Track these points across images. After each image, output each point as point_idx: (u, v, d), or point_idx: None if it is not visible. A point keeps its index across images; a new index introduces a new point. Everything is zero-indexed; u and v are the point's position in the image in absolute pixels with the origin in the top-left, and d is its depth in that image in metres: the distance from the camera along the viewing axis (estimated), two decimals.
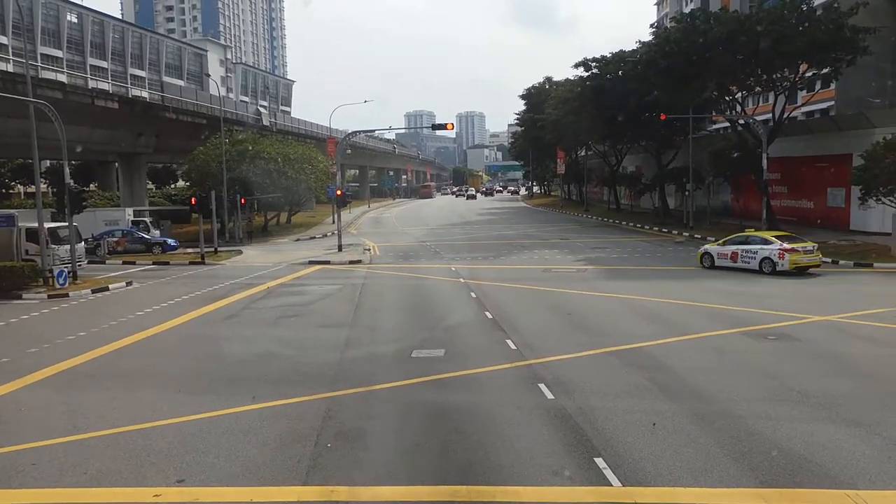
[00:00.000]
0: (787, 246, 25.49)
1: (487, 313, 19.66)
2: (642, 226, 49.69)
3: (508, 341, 16.08)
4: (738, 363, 13.96)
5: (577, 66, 57.40)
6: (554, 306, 21.01)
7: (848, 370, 13.40)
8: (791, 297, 21.41)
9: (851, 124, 37.49)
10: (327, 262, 34.07)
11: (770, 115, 41.56)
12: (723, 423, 10.41)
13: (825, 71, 38.59)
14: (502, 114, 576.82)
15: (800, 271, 25.78)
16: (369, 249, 39.63)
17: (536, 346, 15.71)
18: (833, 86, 44.20)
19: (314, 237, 49.45)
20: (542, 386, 12.47)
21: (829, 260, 29.02)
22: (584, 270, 29.03)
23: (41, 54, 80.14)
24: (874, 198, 29.73)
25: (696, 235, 40.85)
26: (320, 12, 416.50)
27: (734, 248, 27.19)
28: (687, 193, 46.45)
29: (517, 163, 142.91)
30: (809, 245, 26.39)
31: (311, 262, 34.25)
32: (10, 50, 72.05)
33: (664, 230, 45.54)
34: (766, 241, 26.36)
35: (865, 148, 30.72)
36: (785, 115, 40.94)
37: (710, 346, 15.39)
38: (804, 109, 47.99)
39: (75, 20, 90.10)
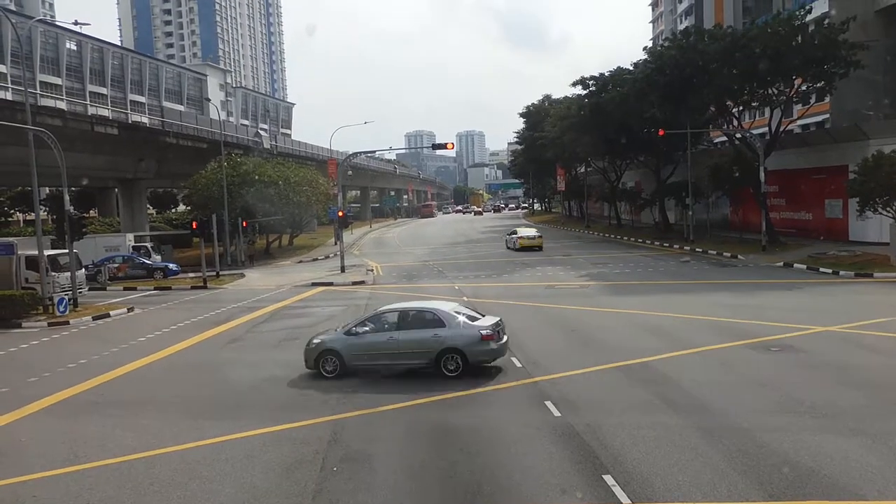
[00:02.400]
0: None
1: None
2: (643, 241, 49.72)
3: (514, 359, 16.01)
4: (744, 375, 13.90)
5: (575, 84, 57.74)
6: (558, 323, 20.96)
7: (853, 380, 13.33)
8: (793, 309, 21.38)
9: (846, 136, 37.67)
10: (330, 284, 34.04)
11: (766, 129, 41.75)
12: (730, 436, 10.35)
13: (819, 85, 38.91)
14: (502, 132, 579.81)
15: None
16: (372, 270, 39.62)
17: (542, 363, 15.65)
18: (828, 99, 44.43)
19: (317, 259, 49.44)
20: (548, 403, 12.41)
21: (830, 270, 29.03)
22: (587, 286, 29.00)
23: (40, 82, 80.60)
24: (871, 208, 29.79)
25: (697, 249, 40.90)
26: (317, 37, 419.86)
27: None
28: (687, 208, 46.49)
29: (517, 181, 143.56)
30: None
31: (315, 284, 34.22)
32: (9, 78, 72.57)
33: (665, 244, 45.54)
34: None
35: (861, 159, 30.87)
36: (781, 129, 41.14)
37: (715, 360, 15.33)
38: (800, 122, 48.19)
39: (74, 48, 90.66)
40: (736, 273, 31.11)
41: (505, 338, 15.17)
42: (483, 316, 15.63)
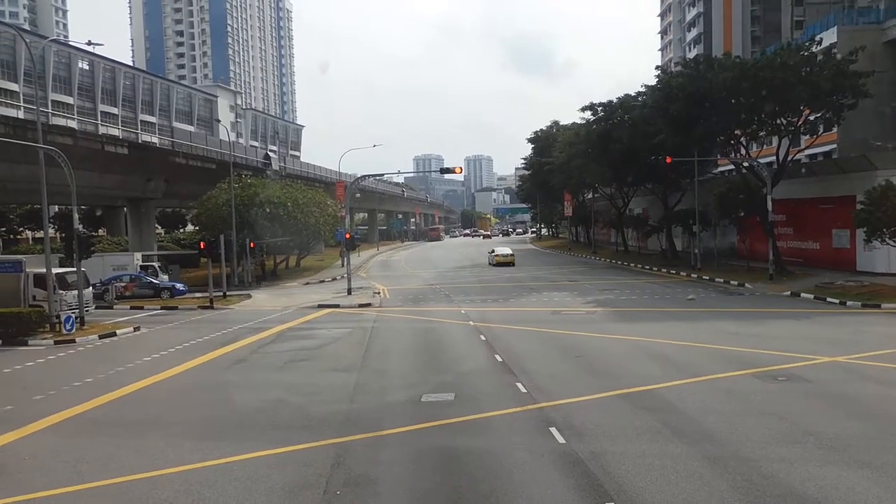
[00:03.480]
0: None
1: (497, 356, 19.57)
2: (650, 267, 49.64)
3: (519, 384, 15.97)
4: (749, 405, 13.82)
5: (583, 109, 58.12)
6: (564, 349, 20.90)
7: (859, 412, 13.24)
8: (800, 338, 21.26)
9: (854, 167, 37.72)
10: (337, 306, 34.05)
11: (774, 158, 41.84)
12: (735, 465, 10.28)
13: (827, 115, 39.05)
14: (510, 157, 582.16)
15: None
16: (379, 293, 39.62)
17: (547, 389, 15.59)
18: (836, 129, 44.54)
19: (323, 280, 49.50)
20: (553, 430, 12.35)
21: (837, 301, 28.96)
22: (593, 312, 28.93)
23: (52, 101, 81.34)
24: (879, 239, 29.73)
25: (704, 277, 40.86)
26: (327, 59, 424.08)
27: None
28: (694, 235, 46.45)
29: (525, 205, 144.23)
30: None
31: (321, 306, 34.23)
32: (22, 97, 73.42)
33: (672, 272, 45.48)
34: None
35: (868, 189, 30.86)
36: (789, 158, 41.22)
37: (721, 388, 15.25)
38: (808, 152, 48.25)
39: (87, 67, 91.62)
40: (743, 301, 31.01)
41: None
42: None
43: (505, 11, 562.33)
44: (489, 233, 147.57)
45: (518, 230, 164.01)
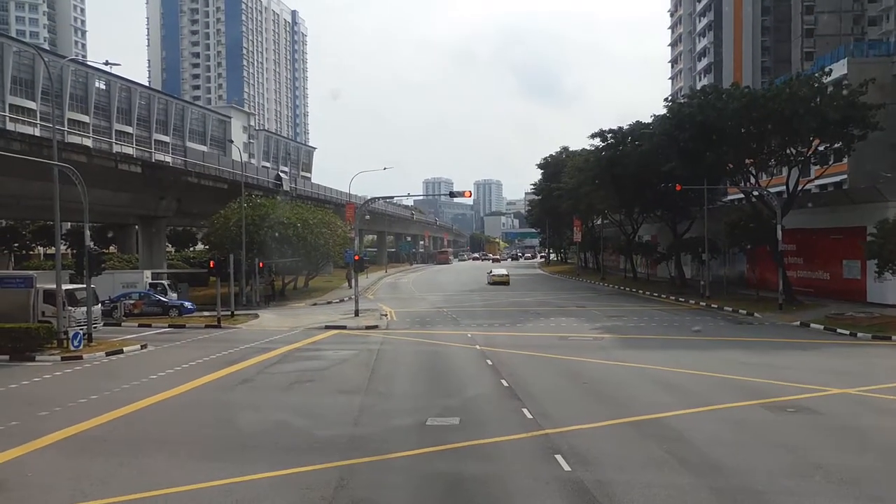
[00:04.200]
0: None
1: (503, 381, 19.47)
2: (659, 295, 49.43)
3: (525, 410, 15.87)
4: (758, 436, 13.68)
5: (593, 136, 58.28)
6: (571, 375, 20.79)
7: (870, 445, 13.10)
8: (809, 369, 21.10)
9: (865, 198, 37.62)
10: (343, 327, 34.01)
11: (784, 188, 41.77)
12: (743, 498, 10.17)
13: (837, 146, 39.01)
14: (519, 182, 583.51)
15: None
16: (386, 315, 39.58)
17: (553, 415, 15.48)
18: (846, 160, 44.53)
19: (331, 302, 49.50)
20: (558, 457, 12.25)
21: (847, 332, 28.70)
22: (601, 339, 28.80)
23: (68, 119, 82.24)
24: (890, 271, 29.54)
25: (712, 305, 40.63)
26: (339, 83, 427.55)
27: None
28: (703, 263, 46.30)
29: (534, 230, 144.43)
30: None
31: (328, 327, 34.20)
32: (39, 115, 74.19)
33: (681, 299, 45.27)
34: None
35: (879, 221, 30.74)
36: (799, 188, 41.18)
37: (730, 418, 15.12)
38: (818, 182, 48.21)
39: (103, 87, 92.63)
40: (752, 331, 30.82)
41: None
42: None
43: (516, 39, 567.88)
44: (498, 257, 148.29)
45: (527, 255, 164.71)
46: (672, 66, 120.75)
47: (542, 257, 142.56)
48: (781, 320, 33.60)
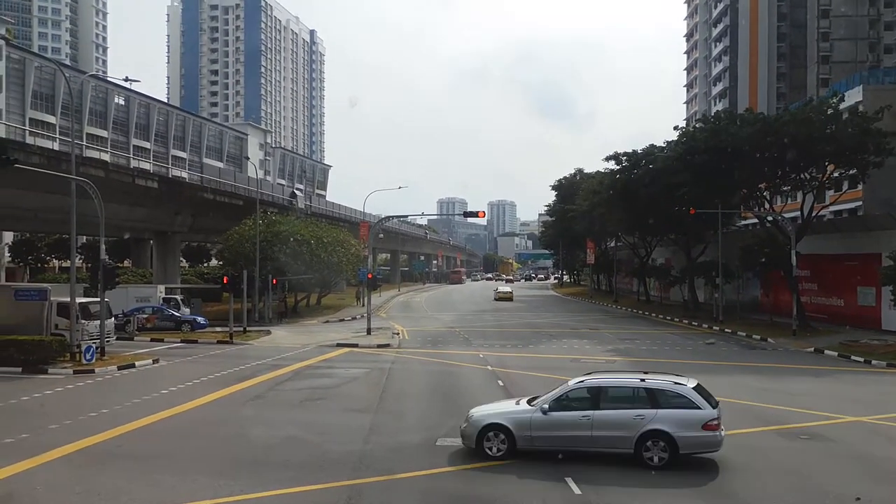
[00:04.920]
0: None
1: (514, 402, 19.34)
2: (672, 318, 49.15)
3: None
4: (771, 462, 13.54)
5: (607, 159, 58.37)
6: None
7: (885, 474, 12.96)
8: (824, 396, 20.90)
9: (879, 224, 37.37)
10: (355, 346, 34.02)
11: (798, 213, 41.60)
12: None
13: (852, 172, 38.79)
14: (533, 203, 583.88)
15: None
16: (398, 333, 39.55)
17: None
18: (861, 186, 44.29)
19: (343, 319, 49.54)
20: (569, 480, 12.19)
21: (862, 359, 28.38)
22: (613, 361, 28.63)
23: (87, 134, 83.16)
24: None
25: (726, 329, 40.32)
26: (357, 96, 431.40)
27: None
28: (716, 287, 46.02)
29: (547, 251, 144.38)
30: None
31: (339, 345, 34.21)
32: (58, 129, 75.20)
33: (694, 323, 44.97)
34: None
35: (894, 248, 30.51)
36: (813, 214, 40.97)
37: (743, 444, 14.95)
38: (833, 208, 47.93)
39: (122, 102, 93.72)
40: (765, 356, 30.54)
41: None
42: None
43: (531, 59, 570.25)
44: (511, 277, 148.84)
45: (540, 276, 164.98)
46: (687, 91, 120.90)
47: (555, 279, 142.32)
48: (795, 346, 33.31)
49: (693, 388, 13.40)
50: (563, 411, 13.48)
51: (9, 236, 70.05)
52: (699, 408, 13.01)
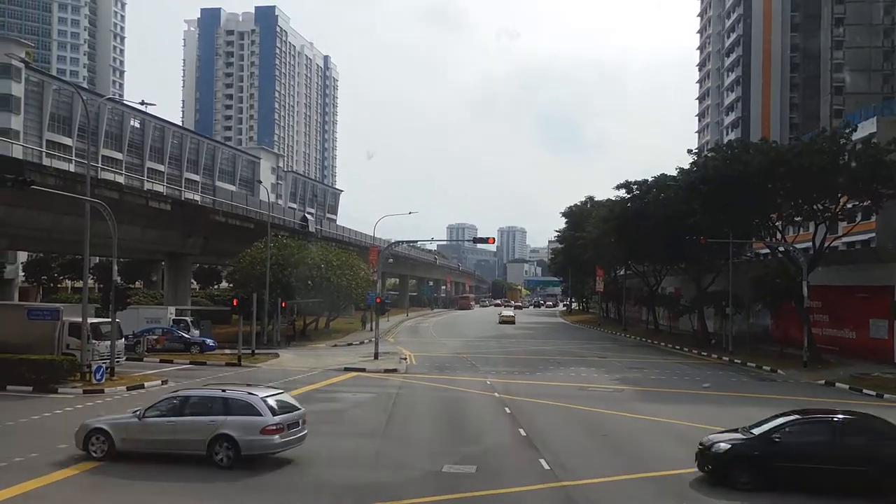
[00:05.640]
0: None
1: (521, 430, 19.32)
2: (681, 348, 48.85)
3: (542, 460, 15.74)
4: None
5: (618, 187, 58.53)
6: (589, 426, 20.59)
7: None
8: None
9: (893, 257, 37.14)
10: (363, 370, 34.01)
11: (810, 244, 41.42)
12: None
13: (865, 203, 38.57)
14: (543, 229, 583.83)
15: None
16: (405, 359, 39.51)
17: (570, 467, 15.33)
18: (874, 218, 44.08)
19: (351, 343, 49.55)
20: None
21: (874, 393, 28.05)
22: (620, 391, 28.49)
23: (103, 156, 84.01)
24: None
25: (735, 360, 40.00)
26: (368, 125, 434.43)
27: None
28: (727, 318, 45.77)
29: (556, 279, 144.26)
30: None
31: (347, 369, 34.20)
32: (74, 151, 76.13)
33: (703, 353, 44.68)
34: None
35: None
36: (825, 245, 40.71)
37: None
38: (845, 240, 47.69)
39: (138, 125, 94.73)
40: (775, 388, 30.21)
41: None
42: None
43: (540, 87, 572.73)
44: (520, 304, 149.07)
45: (548, 303, 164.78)
46: (699, 120, 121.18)
47: (564, 306, 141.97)
48: (806, 378, 32.93)
49: (262, 398, 15.25)
50: (156, 418, 15.50)
51: (23, 256, 70.55)
52: (260, 415, 14.86)
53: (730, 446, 14.03)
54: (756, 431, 14.30)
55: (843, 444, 13.39)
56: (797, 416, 14.62)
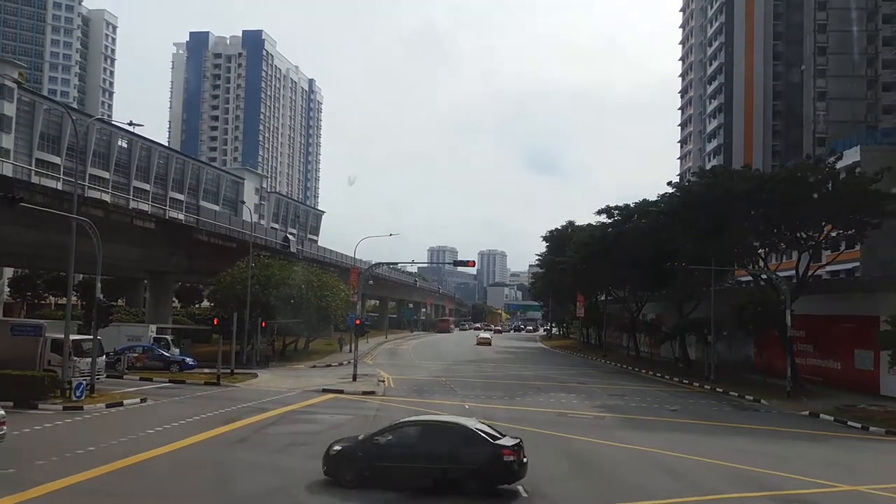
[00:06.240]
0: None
1: None
2: (662, 375, 48.74)
3: (520, 487, 15.65)
4: None
5: (599, 212, 58.88)
6: (569, 453, 20.50)
7: None
8: (818, 462, 20.55)
9: (878, 286, 37.05)
10: (341, 392, 33.80)
11: (794, 272, 41.31)
12: None
13: (850, 233, 38.64)
14: (523, 253, 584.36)
15: None
16: (384, 381, 39.28)
17: (550, 495, 15.28)
18: (858, 247, 44.00)
19: (330, 365, 49.25)
20: None
21: (859, 425, 27.81)
22: (601, 418, 28.45)
23: (90, 175, 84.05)
24: None
25: (717, 389, 39.83)
26: (350, 149, 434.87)
27: None
28: (709, 345, 45.82)
29: (536, 303, 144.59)
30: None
31: (325, 390, 33.99)
32: (62, 169, 76.05)
33: (685, 381, 44.55)
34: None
35: (892, 311, 30.26)
36: (809, 273, 40.63)
37: None
38: (829, 268, 47.63)
39: (125, 145, 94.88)
40: (758, 418, 30.12)
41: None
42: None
43: (523, 111, 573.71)
44: (500, 328, 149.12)
45: (529, 327, 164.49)
46: (681, 146, 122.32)
47: (544, 330, 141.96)
48: (789, 409, 32.70)
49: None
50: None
51: (8, 272, 70.51)
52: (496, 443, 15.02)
53: (340, 448, 15.64)
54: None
55: (432, 446, 15.02)
56: (404, 421, 16.57)
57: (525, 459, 15.20)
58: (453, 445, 15.03)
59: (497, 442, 15.16)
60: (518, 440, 15.54)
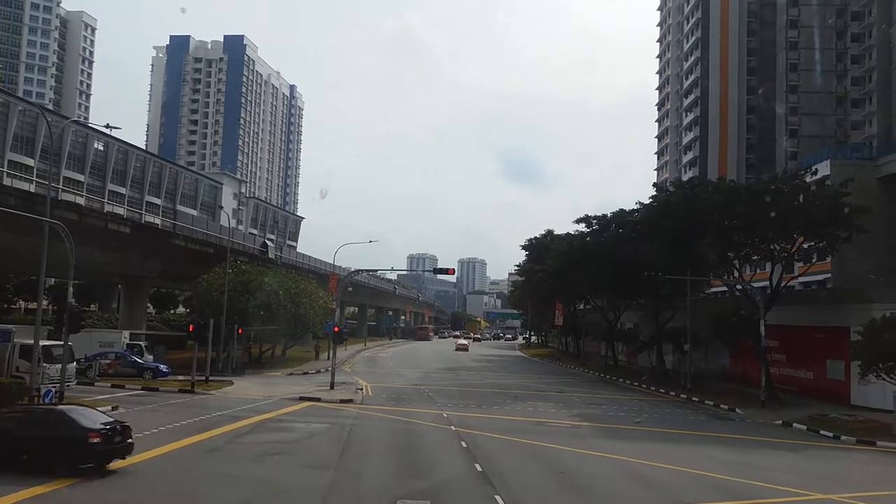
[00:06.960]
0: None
1: (477, 465, 19.10)
2: (639, 384, 48.93)
3: (497, 497, 15.55)
4: None
5: (577, 221, 59.12)
6: (546, 462, 20.44)
7: None
8: (792, 472, 20.67)
9: (849, 298, 37.60)
10: (318, 400, 33.52)
11: (768, 283, 41.90)
12: None
13: (821, 245, 39.20)
14: (503, 262, 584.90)
15: None
16: (361, 389, 39.07)
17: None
18: (829, 259, 44.78)
19: (307, 372, 48.89)
20: None
21: (831, 434, 28.11)
22: (578, 426, 28.42)
23: (64, 177, 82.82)
24: (874, 374, 29.26)
25: (693, 398, 40.11)
26: (330, 157, 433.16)
27: None
28: (685, 354, 46.08)
29: (516, 311, 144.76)
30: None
31: (302, 399, 33.69)
32: (35, 172, 74.80)
33: (661, 390, 44.79)
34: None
35: (863, 322, 30.66)
36: (782, 284, 41.21)
37: None
38: (802, 279, 48.48)
39: (101, 148, 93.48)
40: (733, 427, 30.25)
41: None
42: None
43: (503, 120, 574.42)
44: (479, 336, 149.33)
45: (508, 335, 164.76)
46: (658, 158, 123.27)
47: (523, 339, 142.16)
48: (763, 418, 33.00)
49: None
50: None
51: None
52: None
53: None
54: None
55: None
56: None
57: (120, 440, 16.57)
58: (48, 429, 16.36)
59: (86, 426, 16.25)
60: (113, 423, 16.85)
